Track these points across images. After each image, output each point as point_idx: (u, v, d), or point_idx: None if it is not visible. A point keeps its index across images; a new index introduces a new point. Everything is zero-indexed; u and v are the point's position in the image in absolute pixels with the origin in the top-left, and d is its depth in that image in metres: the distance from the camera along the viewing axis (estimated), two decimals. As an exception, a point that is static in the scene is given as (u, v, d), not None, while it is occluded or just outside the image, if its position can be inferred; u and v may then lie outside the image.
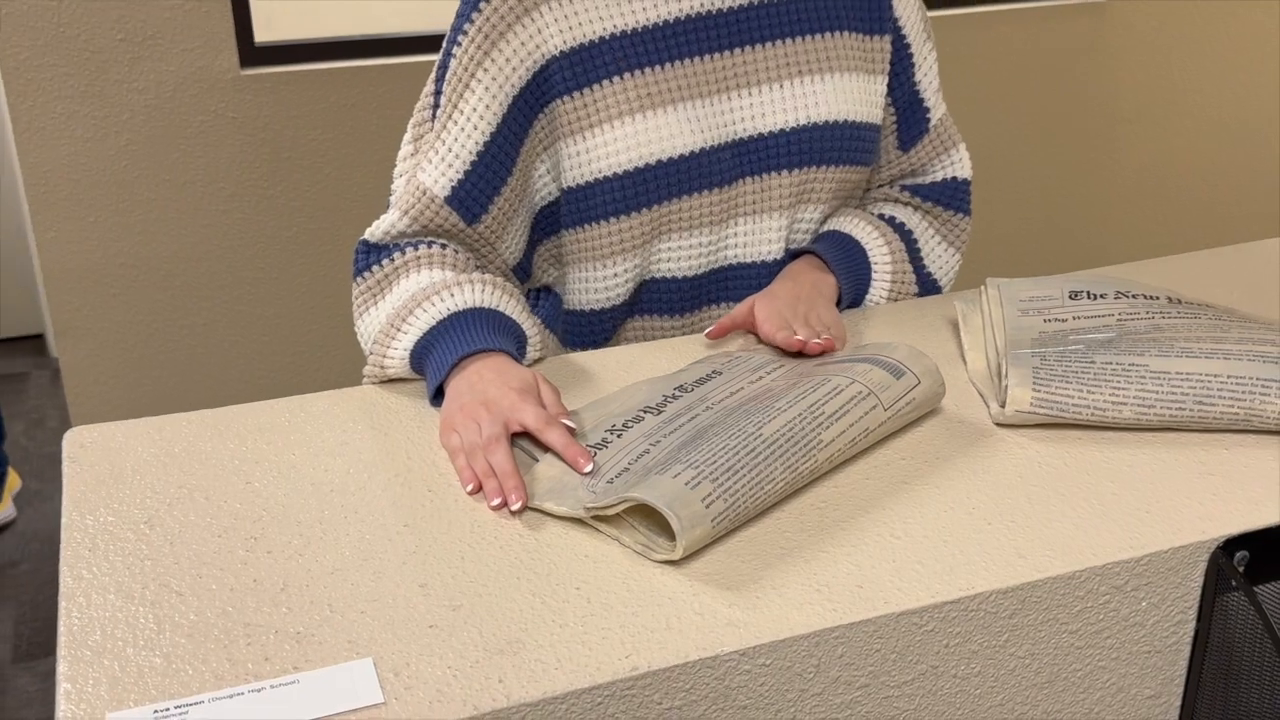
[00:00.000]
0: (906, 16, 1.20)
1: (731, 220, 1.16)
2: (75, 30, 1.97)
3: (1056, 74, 2.68)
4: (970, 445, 0.96)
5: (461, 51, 1.09)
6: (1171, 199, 2.91)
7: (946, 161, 1.27)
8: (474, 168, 1.09)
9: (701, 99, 1.12)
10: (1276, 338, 0.99)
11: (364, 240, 1.12)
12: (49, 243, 2.06)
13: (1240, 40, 2.83)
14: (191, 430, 1.00)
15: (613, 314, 1.18)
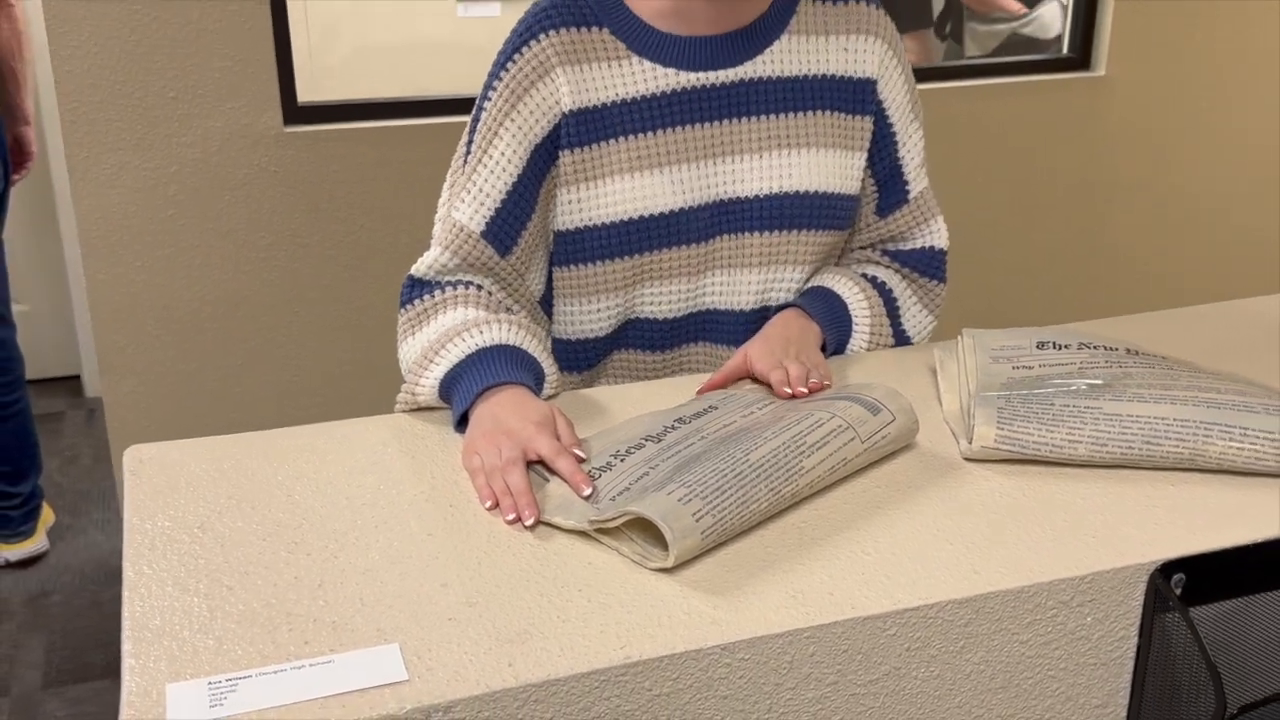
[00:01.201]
0: (891, 100, 1.31)
1: (708, 272, 1.28)
2: (130, 88, 2.12)
3: (1056, 144, 2.80)
4: (940, 477, 1.06)
5: (491, 105, 1.23)
6: (1169, 265, 3.01)
7: (925, 231, 1.38)
8: (503, 205, 1.23)
9: (688, 163, 1.24)
10: (1221, 386, 1.09)
11: (410, 275, 1.25)
12: (99, 285, 2.19)
13: (1239, 112, 2.95)
14: (238, 449, 1.12)
15: (596, 345, 1.31)
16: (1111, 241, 2.94)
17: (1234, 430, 1.03)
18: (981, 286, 2.82)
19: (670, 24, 1.24)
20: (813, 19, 1.29)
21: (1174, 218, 2.97)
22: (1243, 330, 1.39)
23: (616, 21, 1.24)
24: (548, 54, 1.22)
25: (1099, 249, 2.93)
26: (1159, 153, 2.89)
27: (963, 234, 2.75)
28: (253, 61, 2.16)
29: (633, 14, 1.24)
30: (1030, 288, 2.89)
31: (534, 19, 1.23)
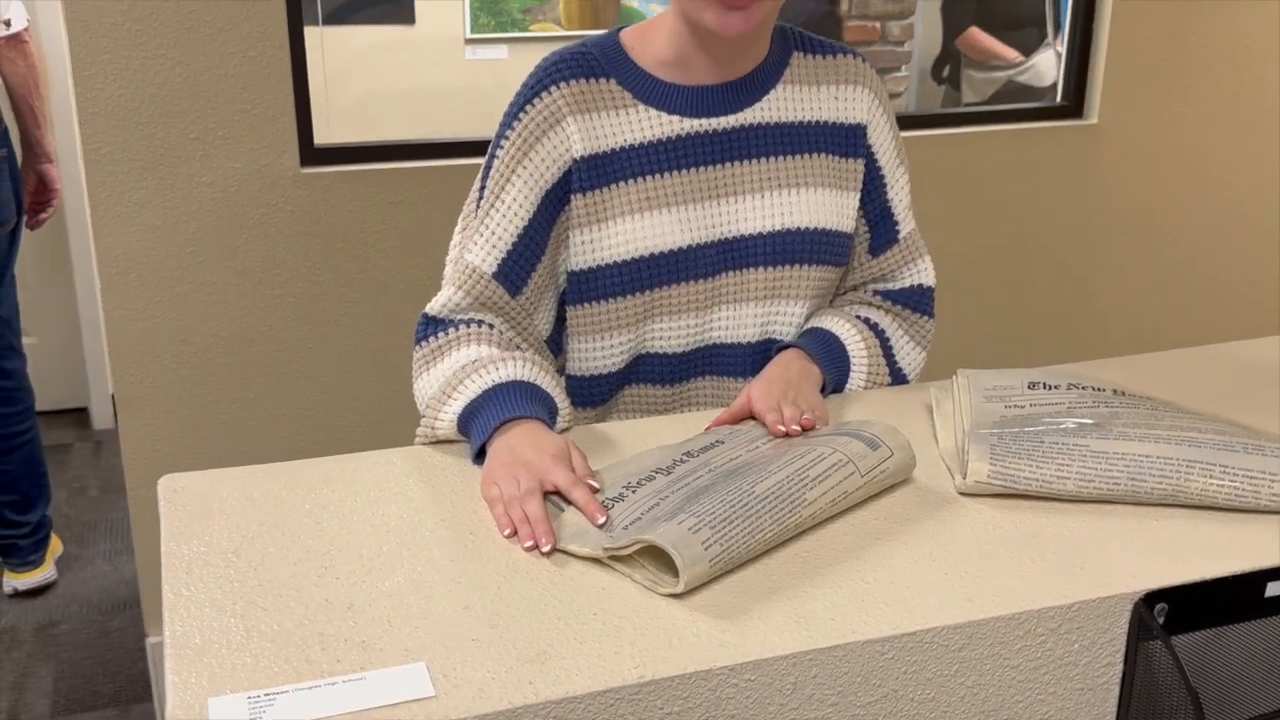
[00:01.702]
0: (880, 145, 1.40)
1: (715, 307, 1.34)
2: (153, 129, 2.19)
3: (1050, 189, 2.87)
4: (935, 510, 1.11)
5: (503, 153, 1.30)
6: (1159, 309, 3.08)
7: (913, 270, 1.45)
8: (514, 248, 1.29)
9: (693, 203, 1.31)
10: (1203, 426, 1.15)
11: (425, 314, 1.31)
12: (117, 320, 2.25)
13: (1230, 160, 3.02)
14: (267, 479, 1.17)
15: (609, 380, 1.36)
16: (1103, 285, 3.01)
17: (1214, 468, 1.09)
18: (977, 327, 2.89)
19: (673, 74, 1.31)
20: (805, 70, 1.37)
21: (1164, 263, 3.04)
22: (1227, 373, 1.45)
23: (623, 73, 1.31)
24: (558, 104, 1.29)
25: (1091, 293, 3.00)
26: (1150, 199, 2.96)
27: (959, 276, 2.82)
28: (272, 105, 2.23)
29: (637, 66, 1.32)
30: (1024, 329, 2.95)
31: (545, 72, 1.30)
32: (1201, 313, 3.10)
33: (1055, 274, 2.95)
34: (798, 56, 1.37)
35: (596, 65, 1.31)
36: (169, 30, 2.14)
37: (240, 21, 2.17)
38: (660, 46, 1.32)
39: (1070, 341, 2.97)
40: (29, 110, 2.82)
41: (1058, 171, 2.85)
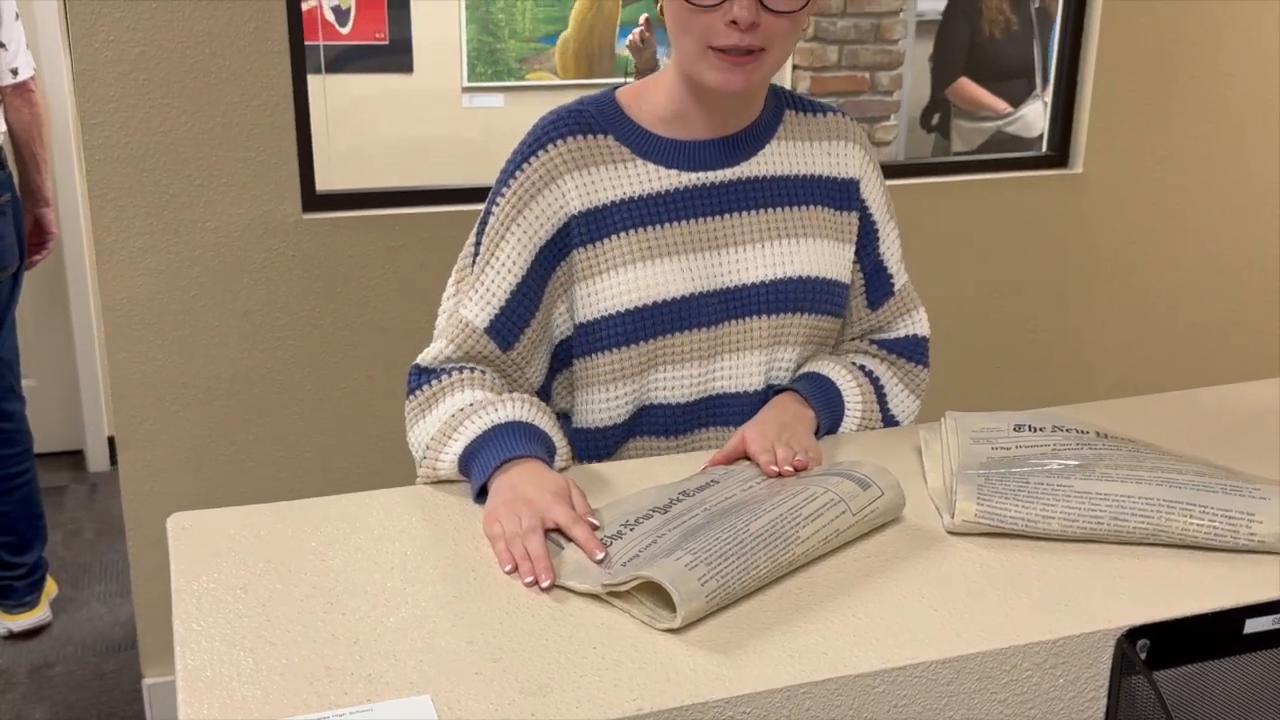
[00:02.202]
0: (872, 199, 1.44)
1: (718, 356, 1.36)
2: (158, 175, 2.23)
3: (1037, 237, 2.92)
4: (925, 548, 1.15)
5: (499, 210, 1.33)
6: (1143, 354, 3.13)
7: (908, 321, 1.49)
8: (507, 304, 1.31)
9: (695, 253, 1.34)
10: (1183, 468, 1.18)
11: (416, 365, 1.34)
12: (120, 362, 2.28)
13: (1212, 209, 3.08)
14: (275, 517, 1.20)
15: (613, 432, 1.38)
16: (1089, 331, 3.06)
17: (1194, 508, 1.12)
18: (966, 371, 2.93)
19: (670, 130, 1.35)
20: (798, 127, 1.41)
21: (1148, 309, 3.09)
22: (1208, 417, 1.49)
23: (620, 129, 1.34)
24: (555, 163, 1.32)
25: (1077, 338, 3.05)
26: (1134, 246, 3.02)
27: (948, 322, 2.86)
28: (275, 152, 2.28)
29: (634, 122, 1.35)
30: (1011, 373, 2.99)
31: (542, 130, 1.34)
32: (1185, 358, 3.15)
33: (1042, 320, 3.00)
34: (790, 114, 1.42)
35: (594, 122, 1.34)
36: (176, 80, 2.19)
37: (246, 72, 2.23)
38: (658, 103, 1.35)
39: (1056, 385, 3.02)
40: (30, 156, 2.86)
41: (1044, 220, 2.91)
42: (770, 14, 1.23)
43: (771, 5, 1.23)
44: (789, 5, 1.24)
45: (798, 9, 1.24)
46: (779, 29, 1.25)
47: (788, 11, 1.24)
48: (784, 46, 1.28)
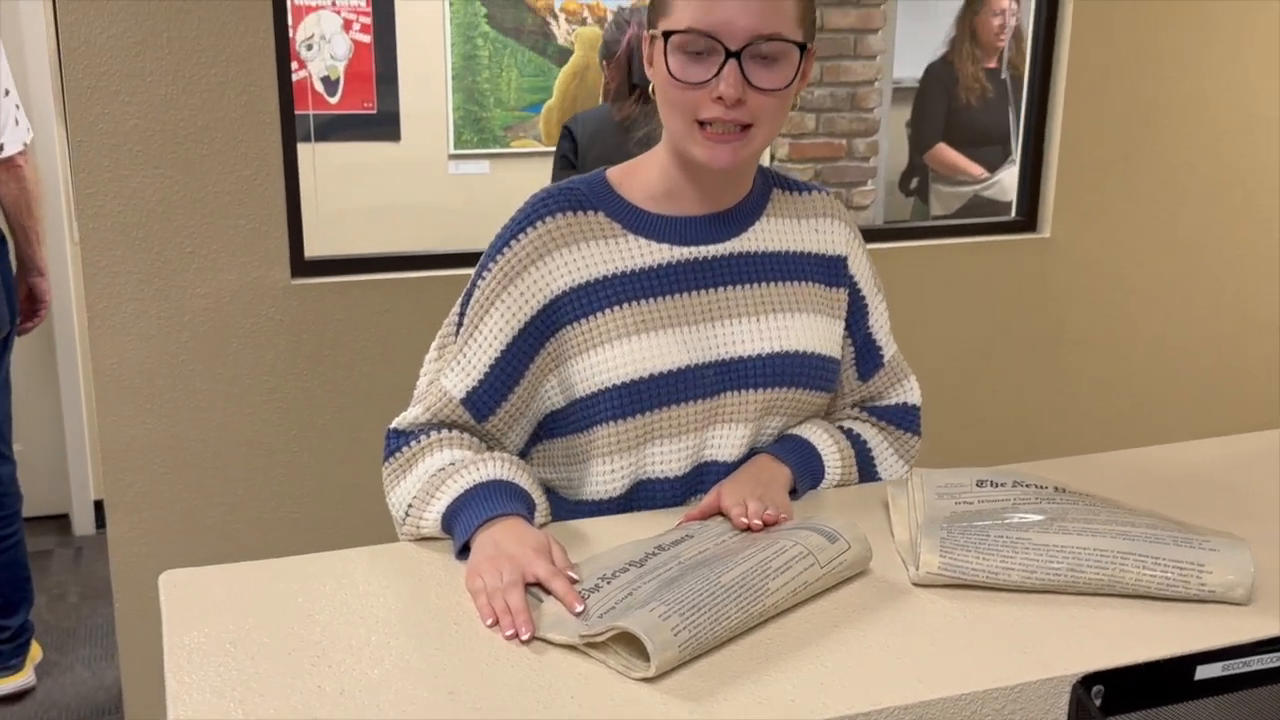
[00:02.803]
0: (860, 275, 1.48)
1: (711, 427, 1.38)
2: (150, 243, 2.29)
3: (1009, 299, 3.00)
4: (890, 599, 1.19)
5: (485, 283, 1.35)
6: (1113, 413, 3.19)
7: (900, 390, 1.53)
8: (486, 377, 1.34)
9: (690, 325, 1.36)
10: (1136, 520, 1.23)
11: (392, 429, 1.38)
12: (110, 425, 2.32)
13: (1177, 272, 3.17)
14: (263, 574, 1.24)
15: (610, 506, 1.39)
16: (1058, 390, 3.12)
17: (1147, 559, 1.17)
18: (939, 429, 2.98)
19: (660, 206, 1.38)
20: (785, 205, 1.45)
21: (1114, 370, 3.17)
22: (1167, 473, 1.55)
23: (611, 206, 1.37)
24: (544, 239, 1.34)
25: (1047, 397, 3.11)
26: (1100, 308, 3.10)
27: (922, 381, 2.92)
28: (265, 219, 2.34)
29: (624, 199, 1.38)
30: (983, 431, 3.06)
31: (533, 207, 1.36)
32: (1151, 416, 3.22)
33: (1013, 379, 3.06)
34: (777, 192, 1.45)
35: (584, 199, 1.37)
36: (169, 151, 2.26)
37: (237, 142, 2.29)
38: (649, 180, 1.38)
39: (1026, 442, 3.08)
40: (21, 228, 2.90)
41: (1014, 282, 2.99)
42: (756, 91, 1.27)
43: (756, 83, 1.26)
44: (773, 83, 1.28)
45: (782, 87, 1.28)
46: (765, 106, 1.28)
47: (772, 89, 1.28)
48: (772, 123, 1.31)
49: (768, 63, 1.28)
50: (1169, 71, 3.00)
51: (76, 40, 2.17)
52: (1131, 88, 2.97)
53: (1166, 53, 2.99)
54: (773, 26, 1.26)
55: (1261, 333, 3.31)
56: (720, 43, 1.26)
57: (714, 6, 1.25)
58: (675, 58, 1.28)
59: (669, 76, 1.29)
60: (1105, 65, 2.93)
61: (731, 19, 1.25)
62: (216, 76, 2.26)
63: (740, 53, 1.26)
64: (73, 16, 2.16)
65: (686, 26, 1.26)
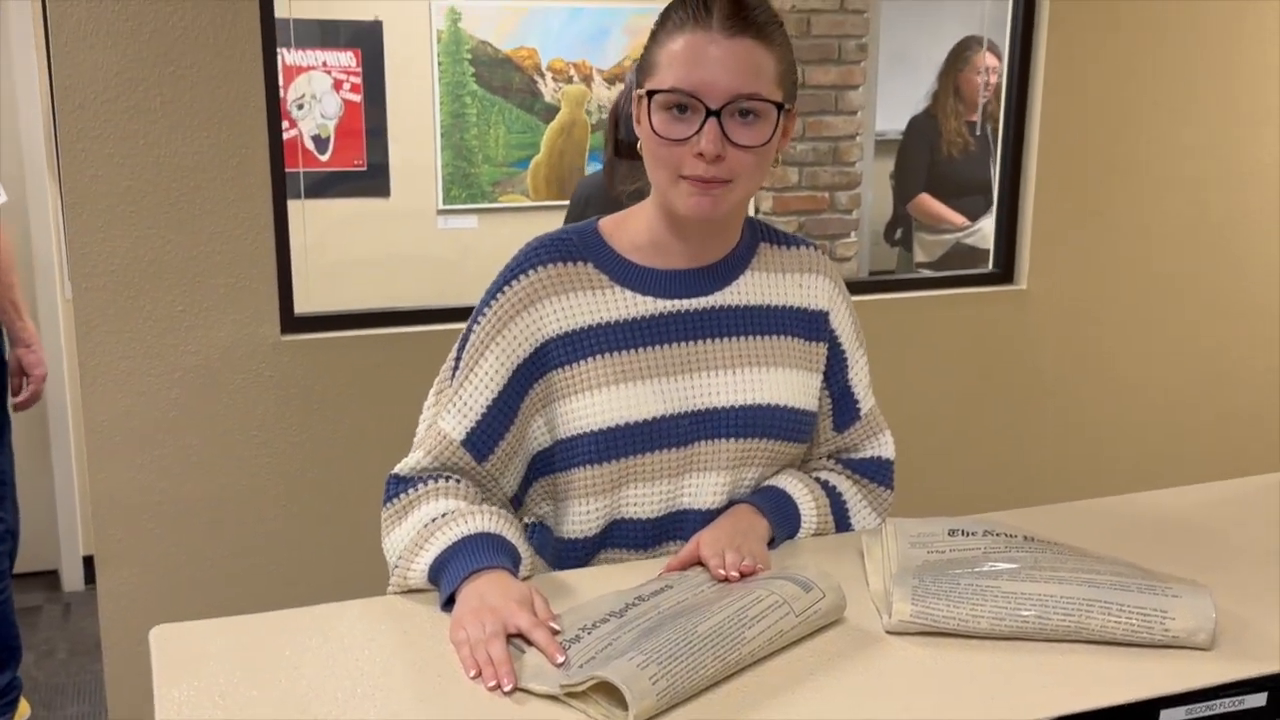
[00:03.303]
0: (841, 330, 1.52)
1: (685, 474, 1.43)
2: (142, 302, 2.33)
3: (988, 349, 3.05)
4: (864, 647, 1.22)
5: (480, 328, 1.41)
6: (1087, 462, 3.23)
7: (874, 444, 1.57)
8: (484, 418, 1.39)
9: (668, 376, 1.41)
10: (1101, 568, 1.27)
11: (393, 474, 1.41)
12: (101, 481, 2.34)
13: (1150, 324, 3.23)
14: (251, 628, 1.27)
15: (587, 544, 1.44)
16: (1035, 439, 3.17)
17: (1112, 606, 1.21)
18: (919, 477, 3.02)
19: (647, 259, 1.43)
20: (771, 259, 1.49)
21: (1089, 419, 3.22)
22: (1129, 521, 1.59)
23: (599, 257, 1.43)
24: (536, 287, 1.40)
25: (1025, 446, 3.16)
26: (1076, 358, 3.15)
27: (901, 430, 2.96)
28: (255, 277, 2.39)
29: (614, 251, 1.43)
30: (962, 479, 3.09)
31: (526, 256, 1.42)
32: (1130, 464, 3.27)
33: (993, 429, 3.11)
34: (764, 246, 1.50)
35: (575, 250, 1.42)
36: (161, 211, 2.30)
37: (229, 202, 2.34)
38: (637, 232, 1.44)
39: (1007, 491, 3.11)
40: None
41: (993, 332, 3.04)
42: (736, 147, 1.32)
43: (736, 139, 1.32)
44: (752, 140, 1.33)
45: (761, 144, 1.33)
46: (745, 162, 1.34)
47: (751, 146, 1.33)
48: (752, 178, 1.36)
49: (747, 120, 1.33)
50: (1139, 126, 3.08)
51: (71, 104, 2.22)
52: (1102, 142, 3.04)
53: (1136, 107, 3.06)
54: (752, 86, 1.32)
55: (1239, 379, 3.37)
56: (702, 102, 1.31)
57: (695, 68, 1.31)
58: (659, 116, 1.34)
59: (653, 133, 1.34)
60: (1077, 120, 3.00)
61: (712, 79, 1.31)
62: (209, 138, 2.31)
63: (720, 111, 1.31)
64: (68, 80, 2.21)
65: (670, 86, 1.32)
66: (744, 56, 1.31)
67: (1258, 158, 3.23)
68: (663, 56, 1.34)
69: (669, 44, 1.33)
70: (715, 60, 1.31)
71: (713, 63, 1.31)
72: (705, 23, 1.31)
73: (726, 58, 1.30)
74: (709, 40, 1.31)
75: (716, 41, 1.31)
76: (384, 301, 2.63)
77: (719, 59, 1.30)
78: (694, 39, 1.31)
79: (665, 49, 1.34)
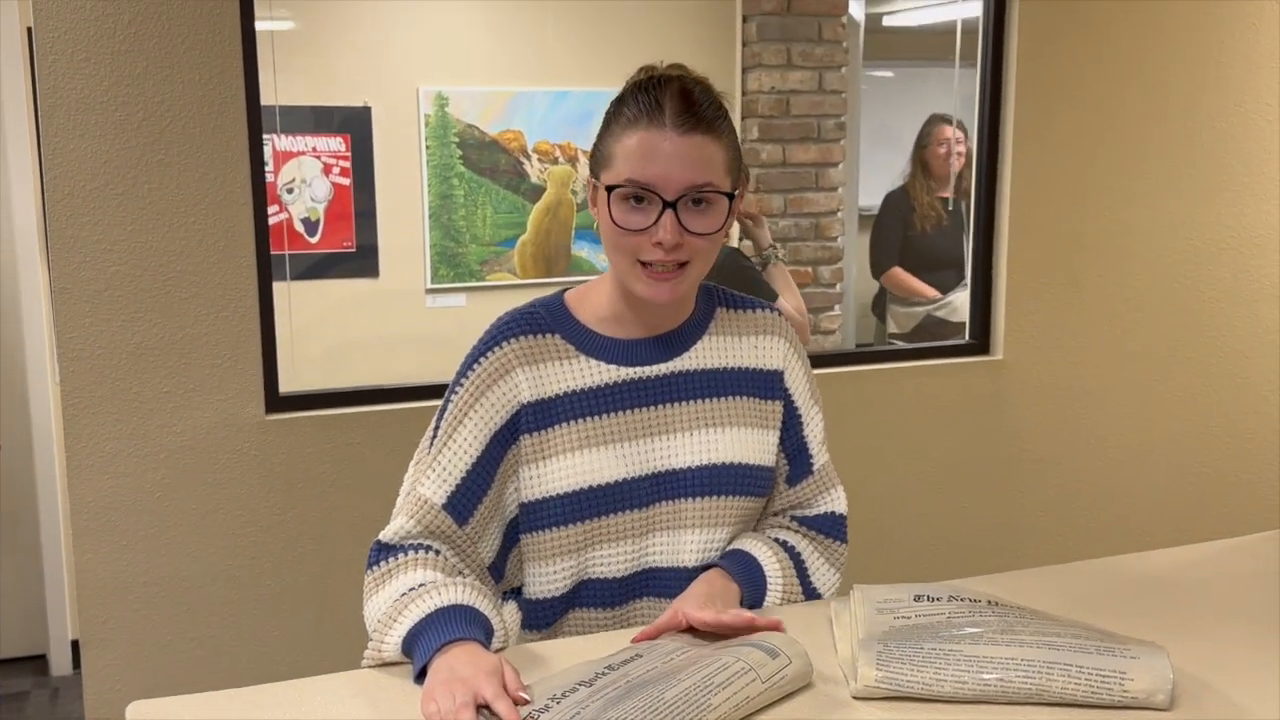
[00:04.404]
0: (795, 388, 1.58)
1: (651, 534, 1.48)
2: (128, 384, 2.36)
3: (965, 419, 3.09)
4: (830, 712, 1.24)
5: (458, 398, 1.46)
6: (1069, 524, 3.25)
7: (827, 498, 1.61)
8: (463, 482, 1.44)
9: (630, 440, 1.47)
10: (1061, 631, 1.29)
11: (378, 540, 1.45)
12: (86, 563, 2.36)
13: (1126, 391, 3.27)
14: (228, 703, 1.28)
15: (556, 604, 1.48)
16: (1015, 506, 3.19)
17: (1071, 668, 1.23)
18: (903, 546, 3.04)
19: (610, 329, 1.50)
20: (728, 323, 1.56)
21: (1067, 485, 3.24)
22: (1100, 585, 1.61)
23: (566, 329, 1.50)
24: (509, 358, 1.46)
25: (1005, 514, 3.18)
26: (1053, 426, 3.19)
27: (884, 497, 3.00)
28: (240, 358, 2.42)
29: (579, 322, 1.50)
30: (942, 547, 3.11)
31: (498, 330, 1.49)
32: (1109, 530, 3.29)
33: (973, 497, 3.13)
34: (721, 311, 1.57)
35: (543, 322, 1.50)
36: (148, 295, 2.35)
37: (215, 285, 2.39)
38: (599, 305, 1.51)
39: (985, 558, 3.13)
40: None
41: (971, 402, 3.08)
42: (691, 235, 1.40)
43: (691, 228, 1.40)
44: (706, 227, 1.41)
45: (715, 230, 1.42)
46: (699, 247, 1.42)
47: (706, 233, 1.41)
48: (705, 260, 1.45)
49: (701, 209, 1.41)
50: (1104, 199, 3.15)
51: (61, 191, 2.28)
52: (1072, 215, 3.11)
53: (1102, 180, 3.14)
54: (704, 178, 1.39)
55: (1219, 443, 3.40)
56: (658, 194, 1.38)
57: (651, 163, 1.38)
58: (617, 207, 1.41)
59: (613, 223, 1.41)
60: (1046, 194, 3.07)
61: (667, 174, 1.38)
62: (195, 223, 2.37)
63: (676, 203, 1.38)
64: (58, 168, 2.27)
65: (626, 180, 1.39)
66: (696, 151, 1.39)
67: (1224, 228, 3.30)
68: (618, 150, 1.41)
69: (624, 139, 1.40)
70: (669, 156, 1.38)
71: (667, 158, 1.38)
72: (658, 120, 1.38)
73: (680, 153, 1.38)
74: (662, 137, 1.38)
75: (670, 138, 1.38)
76: (375, 380, 2.67)
77: (673, 154, 1.38)
78: (648, 136, 1.39)
79: (621, 143, 1.41)
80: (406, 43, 4.36)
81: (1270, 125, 3.28)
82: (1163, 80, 3.15)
